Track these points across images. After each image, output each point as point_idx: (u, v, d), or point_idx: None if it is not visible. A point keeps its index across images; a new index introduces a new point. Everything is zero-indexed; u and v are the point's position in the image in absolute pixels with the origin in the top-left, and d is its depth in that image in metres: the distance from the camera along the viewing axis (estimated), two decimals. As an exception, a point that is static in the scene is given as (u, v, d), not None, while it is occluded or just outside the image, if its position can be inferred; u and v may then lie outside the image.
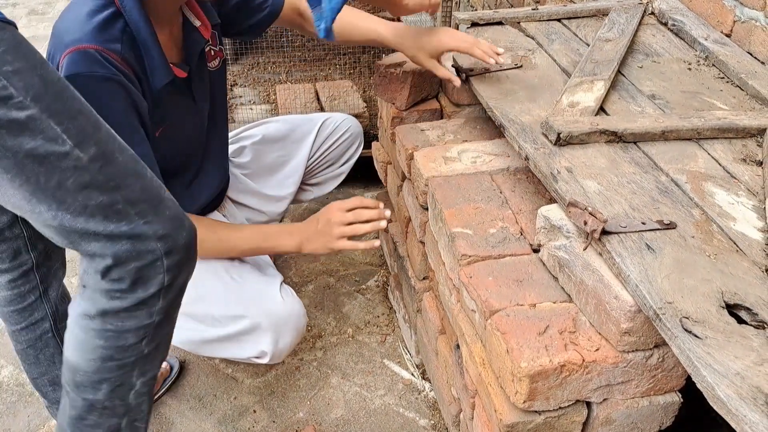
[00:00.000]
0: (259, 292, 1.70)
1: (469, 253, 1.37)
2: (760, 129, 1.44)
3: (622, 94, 1.61)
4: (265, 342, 1.66)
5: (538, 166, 1.36)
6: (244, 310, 1.65)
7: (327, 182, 2.31)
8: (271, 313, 1.66)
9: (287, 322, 1.68)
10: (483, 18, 2.01)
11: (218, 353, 1.75)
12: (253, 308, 1.65)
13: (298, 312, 1.71)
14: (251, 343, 1.67)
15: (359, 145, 2.31)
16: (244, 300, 1.67)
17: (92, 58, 1.39)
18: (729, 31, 1.83)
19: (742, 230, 1.19)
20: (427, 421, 1.82)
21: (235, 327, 1.66)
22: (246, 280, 1.72)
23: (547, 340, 1.16)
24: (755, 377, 0.90)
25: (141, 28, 1.47)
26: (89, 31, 1.41)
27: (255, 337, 1.66)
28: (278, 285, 1.72)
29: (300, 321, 1.72)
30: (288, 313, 1.68)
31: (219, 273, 1.71)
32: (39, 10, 4.93)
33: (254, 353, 1.68)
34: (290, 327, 1.69)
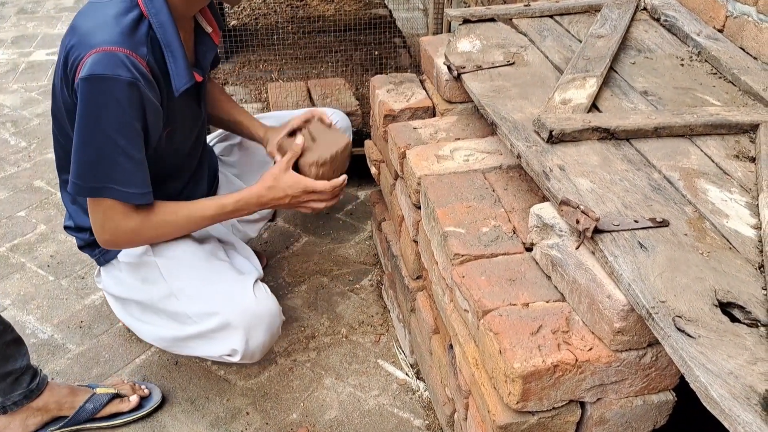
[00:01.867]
0: (231, 289, 1.67)
1: (461, 252, 1.36)
2: (753, 125, 1.43)
3: (615, 90, 1.61)
4: (236, 340, 1.63)
5: (530, 164, 1.35)
6: (215, 307, 1.63)
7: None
8: (243, 311, 1.64)
9: (260, 321, 1.65)
10: (475, 15, 2.00)
11: (190, 351, 1.73)
12: (224, 305, 1.63)
13: (271, 311, 1.69)
14: (222, 340, 1.65)
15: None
16: (216, 297, 1.65)
17: (119, 62, 1.41)
18: (721, 27, 1.82)
19: (735, 227, 1.18)
20: (421, 421, 1.81)
21: (206, 324, 1.64)
22: (220, 277, 1.70)
23: (540, 340, 1.15)
24: (748, 376, 0.89)
25: (168, 31, 1.51)
26: (118, 34, 1.44)
27: (226, 334, 1.64)
28: (253, 282, 1.70)
29: (274, 320, 1.69)
30: (260, 312, 1.66)
31: (193, 269, 1.70)
32: (28, 9, 4.90)
33: (225, 351, 1.66)
34: (263, 326, 1.66)
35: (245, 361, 1.68)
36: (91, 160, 1.48)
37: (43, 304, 2.21)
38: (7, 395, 1.65)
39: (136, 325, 1.79)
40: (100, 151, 1.47)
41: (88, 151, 1.48)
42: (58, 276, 2.33)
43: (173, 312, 1.69)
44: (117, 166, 1.50)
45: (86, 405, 1.77)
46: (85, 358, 2.01)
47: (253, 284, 1.70)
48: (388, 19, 3.34)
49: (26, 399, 1.68)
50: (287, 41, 3.12)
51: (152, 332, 1.75)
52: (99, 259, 1.79)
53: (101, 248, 1.76)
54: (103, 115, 1.44)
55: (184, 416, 1.83)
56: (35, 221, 2.61)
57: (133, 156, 1.50)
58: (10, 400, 1.66)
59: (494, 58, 1.77)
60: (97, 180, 1.50)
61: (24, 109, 3.48)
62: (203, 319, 1.65)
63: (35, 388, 1.69)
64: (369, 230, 2.56)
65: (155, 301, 1.71)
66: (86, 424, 1.78)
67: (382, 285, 2.24)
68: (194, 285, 1.68)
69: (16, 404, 1.67)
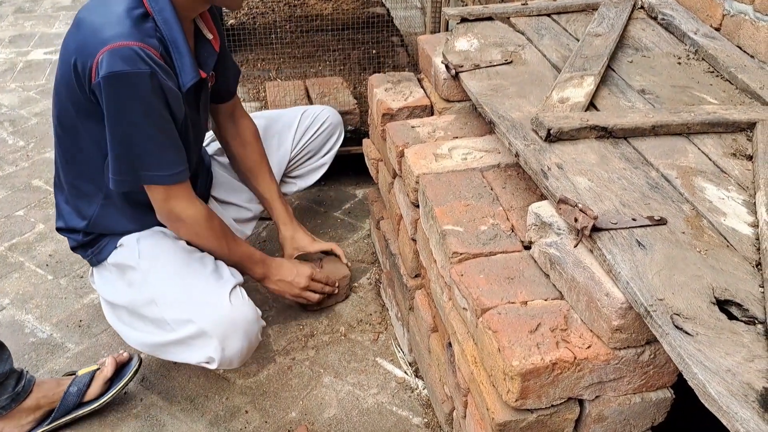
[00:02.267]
0: (207, 296, 1.66)
1: (460, 251, 1.36)
2: (750, 123, 1.43)
3: (612, 89, 1.61)
4: (212, 348, 1.63)
5: (528, 163, 1.35)
6: (191, 314, 1.63)
7: (309, 174, 2.32)
8: (217, 319, 1.63)
9: (235, 329, 1.64)
10: (472, 14, 2.00)
11: (170, 357, 1.73)
12: (199, 313, 1.63)
13: (249, 317, 1.68)
14: (198, 348, 1.64)
15: (339, 135, 2.32)
16: (191, 304, 1.65)
17: (135, 55, 1.44)
18: (718, 25, 1.83)
19: (732, 225, 1.19)
20: (420, 419, 1.81)
21: (183, 331, 1.64)
22: (197, 283, 1.69)
23: (538, 337, 1.16)
24: (746, 373, 0.90)
25: (173, 28, 1.54)
26: (129, 27, 1.46)
27: (202, 342, 1.63)
28: (230, 289, 1.68)
29: (250, 327, 1.68)
30: (235, 319, 1.64)
31: (172, 275, 1.70)
32: (26, 8, 4.90)
33: (202, 359, 1.66)
34: (239, 333, 1.65)
35: (224, 368, 1.68)
36: (124, 153, 1.53)
37: (41, 303, 2.21)
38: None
39: (123, 330, 1.78)
40: (130, 142, 1.52)
41: (121, 146, 1.52)
42: (56, 275, 2.33)
43: (154, 318, 1.68)
44: (148, 154, 1.55)
45: (70, 389, 1.76)
46: (84, 357, 2.01)
47: (231, 290, 1.68)
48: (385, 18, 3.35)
49: (14, 402, 1.67)
50: (285, 40, 3.12)
51: (136, 337, 1.75)
52: (91, 260, 1.80)
53: (93, 249, 1.76)
54: (128, 110, 1.48)
55: (183, 415, 1.84)
56: (34, 220, 2.61)
57: (163, 141, 1.56)
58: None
59: (492, 57, 1.78)
60: (134, 170, 1.56)
61: (22, 108, 3.48)
62: (180, 326, 1.64)
63: (21, 390, 1.69)
64: (367, 229, 2.56)
65: (138, 307, 1.71)
66: (77, 410, 1.77)
67: (380, 283, 2.24)
68: (172, 291, 1.67)
69: (5, 408, 1.66)
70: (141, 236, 1.75)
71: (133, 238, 1.75)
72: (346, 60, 2.99)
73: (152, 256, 1.72)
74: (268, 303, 2.20)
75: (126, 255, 1.73)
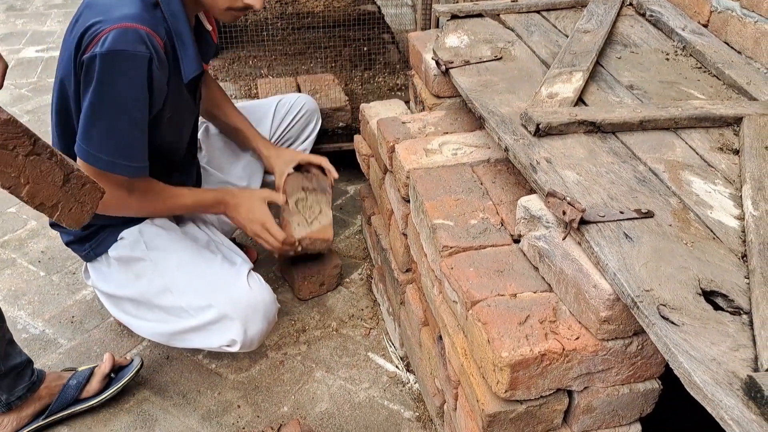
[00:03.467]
0: (225, 280, 1.69)
1: (450, 245, 1.37)
2: (737, 118, 1.45)
3: (601, 84, 1.62)
4: (235, 330, 1.66)
5: (517, 157, 1.36)
6: (211, 299, 1.65)
7: None
8: (239, 302, 1.66)
9: (256, 310, 1.68)
10: (463, 10, 2.01)
11: (188, 344, 1.75)
12: (220, 297, 1.65)
13: (267, 299, 1.71)
14: (220, 332, 1.67)
15: (317, 122, 2.32)
16: (210, 289, 1.67)
17: (140, 38, 1.46)
18: (706, 22, 1.84)
19: (718, 218, 1.20)
20: (411, 413, 1.83)
21: (203, 317, 1.66)
22: (213, 269, 1.71)
23: (527, 329, 1.17)
24: (731, 362, 0.91)
25: (179, 19, 1.56)
26: (140, 10, 1.49)
27: (223, 326, 1.66)
28: (246, 273, 1.72)
29: (269, 308, 1.72)
30: (256, 301, 1.68)
31: (186, 263, 1.71)
32: (17, 6, 4.88)
33: (224, 342, 1.68)
34: (259, 315, 1.68)
35: (244, 350, 1.70)
36: (104, 133, 1.52)
37: (34, 299, 2.21)
38: (12, 390, 1.65)
39: (132, 321, 1.79)
40: (114, 124, 1.51)
41: (102, 123, 1.51)
42: (49, 271, 2.33)
43: (169, 306, 1.69)
44: (129, 141, 1.55)
45: (69, 382, 1.77)
46: (76, 352, 2.01)
47: (247, 274, 1.71)
48: (376, 15, 3.35)
49: (30, 392, 1.69)
50: (277, 37, 3.13)
51: (149, 328, 1.76)
52: (88, 254, 1.80)
53: (90, 244, 1.76)
54: (121, 89, 1.48)
55: (175, 410, 1.84)
56: (26, 217, 2.61)
57: (143, 130, 1.56)
58: (14, 395, 1.66)
59: (482, 53, 1.79)
60: (109, 153, 1.54)
61: (14, 105, 3.47)
62: (199, 312, 1.66)
63: (36, 380, 1.70)
64: (359, 224, 2.57)
65: (150, 297, 1.72)
66: (74, 406, 1.78)
67: (372, 278, 2.25)
68: (188, 279, 1.69)
69: (21, 398, 1.67)
70: (143, 229, 1.75)
71: (135, 231, 1.75)
72: (337, 57, 3.00)
73: (160, 247, 1.73)
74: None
75: (130, 247, 1.73)
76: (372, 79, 2.91)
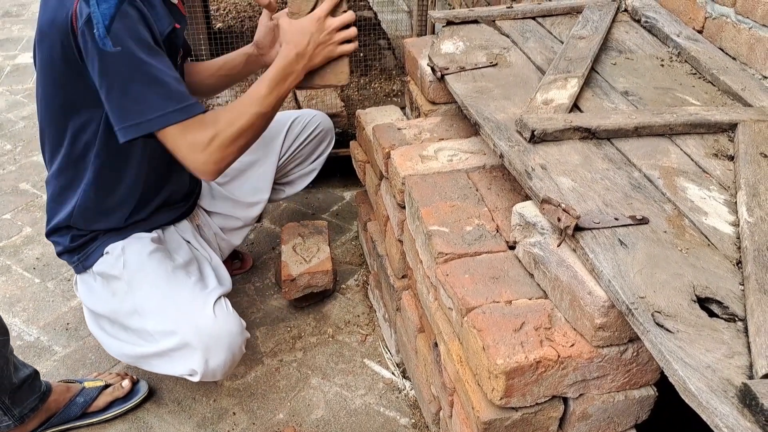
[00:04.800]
0: (191, 307, 1.62)
1: (445, 251, 1.37)
2: (732, 124, 1.45)
3: (596, 90, 1.63)
4: (195, 360, 1.59)
5: (512, 164, 1.36)
6: (175, 326, 1.59)
7: (299, 180, 2.28)
8: (201, 331, 1.58)
9: (219, 341, 1.59)
10: (458, 17, 2.01)
11: (153, 368, 1.70)
12: (183, 325, 1.58)
13: (231, 330, 1.62)
14: (181, 360, 1.60)
15: (330, 141, 2.27)
16: (175, 315, 1.60)
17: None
18: (701, 28, 1.85)
19: (713, 224, 1.20)
20: (407, 419, 1.82)
21: (166, 343, 1.60)
22: (182, 294, 1.65)
23: (522, 336, 1.17)
24: (726, 370, 0.91)
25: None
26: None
27: (184, 354, 1.59)
28: (213, 300, 1.64)
29: (234, 340, 1.62)
30: (218, 332, 1.59)
31: (157, 285, 1.66)
32: (13, 12, 4.88)
33: (185, 371, 1.62)
34: (222, 346, 1.60)
35: (207, 380, 1.63)
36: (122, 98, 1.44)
37: (29, 306, 2.21)
38: (24, 402, 1.65)
39: (105, 340, 1.75)
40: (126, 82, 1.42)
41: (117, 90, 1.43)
42: (44, 278, 2.33)
43: (136, 329, 1.65)
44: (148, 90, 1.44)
45: (77, 399, 1.77)
46: (71, 359, 2.01)
47: (215, 302, 1.63)
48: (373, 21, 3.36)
49: (41, 402, 1.68)
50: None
51: (118, 347, 1.72)
52: (77, 266, 1.76)
53: (80, 255, 1.73)
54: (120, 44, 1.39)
55: (170, 417, 1.84)
56: (21, 224, 2.60)
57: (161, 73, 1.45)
58: (27, 407, 1.66)
59: (477, 60, 1.79)
60: (142, 113, 1.45)
61: (9, 112, 3.46)
62: (163, 337, 1.61)
63: (46, 390, 1.70)
64: (355, 230, 2.57)
65: (120, 317, 1.68)
66: (78, 420, 1.78)
67: (368, 285, 2.25)
68: (156, 302, 1.63)
69: (33, 410, 1.67)
70: (126, 245, 1.71)
71: (119, 247, 1.71)
72: (333, 63, 2.99)
73: (137, 267, 1.68)
74: (255, 305, 2.20)
75: (111, 264, 1.70)
76: (368, 85, 2.92)
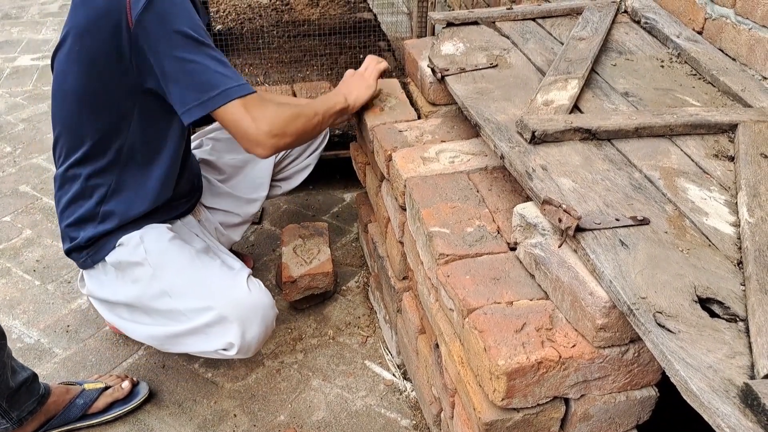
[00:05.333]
0: (224, 283, 1.68)
1: (446, 252, 1.37)
2: (732, 124, 1.45)
3: (596, 92, 1.63)
4: (232, 333, 1.64)
5: (513, 165, 1.36)
6: (210, 301, 1.64)
7: (294, 175, 2.29)
8: (238, 304, 1.64)
9: (255, 313, 1.66)
10: (458, 18, 2.01)
11: (183, 348, 1.73)
12: (219, 299, 1.64)
13: (265, 303, 1.70)
14: (217, 335, 1.65)
15: (325, 136, 2.30)
16: (209, 292, 1.66)
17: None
18: (700, 29, 1.85)
19: (714, 225, 1.20)
20: (408, 421, 1.82)
21: (201, 319, 1.64)
22: (212, 273, 1.70)
23: (524, 337, 1.17)
24: (727, 370, 0.91)
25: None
26: None
27: (221, 328, 1.64)
28: (245, 276, 1.71)
29: (268, 313, 1.70)
30: (255, 304, 1.67)
31: (185, 267, 1.70)
32: (12, 14, 4.88)
33: (221, 345, 1.66)
34: (258, 318, 1.67)
35: (240, 355, 1.68)
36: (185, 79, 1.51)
37: (29, 308, 2.21)
38: (23, 405, 1.65)
39: (127, 326, 1.78)
40: (188, 63, 1.51)
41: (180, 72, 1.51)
42: (44, 280, 2.33)
43: (166, 310, 1.68)
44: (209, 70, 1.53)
45: (77, 401, 1.77)
46: (71, 362, 2.01)
47: (246, 278, 1.70)
48: (372, 23, 3.36)
49: (39, 405, 1.68)
50: (273, 45, 3.13)
51: (143, 331, 1.75)
52: (85, 262, 1.78)
53: (89, 251, 1.75)
54: (177, 30, 1.48)
55: (171, 419, 1.84)
56: (21, 226, 2.60)
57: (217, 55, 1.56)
58: (24, 410, 1.65)
59: (477, 61, 1.79)
60: (202, 92, 1.53)
61: (9, 114, 3.46)
62: (197, 314, 1.65)
63: (45, 393, 1.70)
64: (355, 232, 2.57)
65: (146, 301, 1.70)
66: (77, 422, 1.78)
67: (368, 286, 2.25)
68: (187, 282, 1.68)
69: (31, 413, 1.67)
70: (143, 235, 1.74)
71: (136, 236, 1.73)
72: (333, 65, 3.00)
73: (159, 251, 1.71)
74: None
75: (129, 252, 1.72)
76: (368, 86, 2.91)
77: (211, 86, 1.53)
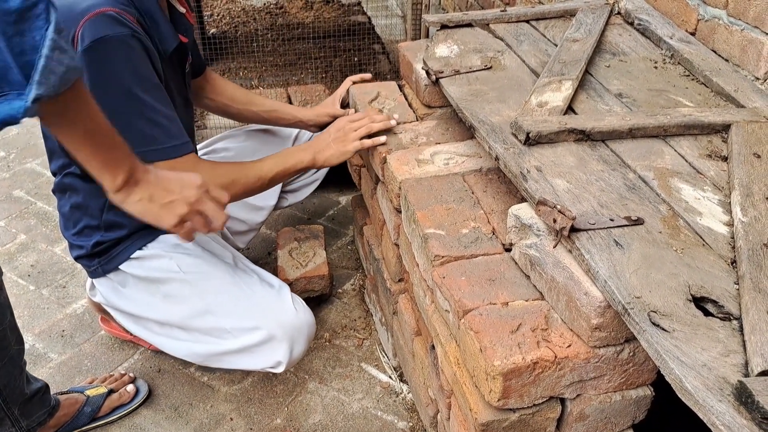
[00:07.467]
0: (271, 302, 1.69)
1: (442, 254, 1.37)
2: (725, 125, 1.46)
3: (590, 93, 1.63)
4: (281, 352, 1.66)
5: (508, 166, 1.37)
6: (258, 321, 1.65)
7: (302, 188, 2.31)
8: (286, 324, 1.66)
9: (301, 333, 1.69)
10: (452, 20, 2.02)
11: (227, 365, 1.73)
12: (267, 320, 1.65)
13: (310, 322, 1.73)
14: (266, 354, 1.67)
15: None
16: (257, 311, 1.66)
17: (114, 20, 1.41)
18: (693, 30, 1.86)
19: (708, 225, 1.21)
20: (405, 423, 1.82)
21: (249, 339, 1.65)
22: (254, 291, 1.70)
23: (519, 337, 1.17)
24: (721, 368, 0.92)
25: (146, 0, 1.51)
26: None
27: (270, 347, 1.66)
28: (289, 295, 1.73)
29: (312, 330, 1.74)
30: (301, 323, 1.69)
31: (227, 285, 1.69)
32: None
33: (269, 364, 1.68)
34: (304, 337, 1.70)
35: (284, 369, 1.70)
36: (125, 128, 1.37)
37: (24, 313, 2.20)
38: (33, 416, 1.64)
39: (160, 340, 1.76)
40: (123, 116, 1.43)
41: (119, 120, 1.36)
42: (38, 285, 2.32)
43: (209, 328, 1.67)
44: (145, 126, 1.48)
45: (84, 409, 1.77)
46: (67, 367, 2.00)
47: (291, 297, 1.73)
48: (367, 26, 3.36)
49: (49, 417, 1.68)
50: (267, 48, 3.13)
51: (182, 347, 1.73)
52: (96, 270, 1.72)
53: (100, 260, 1.69)
54: (116, 77, 1.43)
55: (167, 423, 1.83)
56: (15, 231, 2.59)
57: (159, 110, 1.50)
58: (34, 421, 1.65)
59: (472, 63, 1.80)
60: (142, 144, 1.46)
61: (2, 119, 3.45)
62: (244, 333, 1.65)
63: (55, 404, 1.70)
64: (351, 235, 2.57)
65: (184, 319, 1.69)
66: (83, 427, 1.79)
67: (364, 289, 2.25)
68: (231, 301, 1.67)
69: (41, 424, 1.66)
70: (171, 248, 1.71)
71: (156, 250, 1.70)
72: (328, 68, 3.01)
73: (196, 269, 1.70)
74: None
75: (160, 267, 1.69)
76: (363, 89, 2.92)
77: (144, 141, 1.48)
